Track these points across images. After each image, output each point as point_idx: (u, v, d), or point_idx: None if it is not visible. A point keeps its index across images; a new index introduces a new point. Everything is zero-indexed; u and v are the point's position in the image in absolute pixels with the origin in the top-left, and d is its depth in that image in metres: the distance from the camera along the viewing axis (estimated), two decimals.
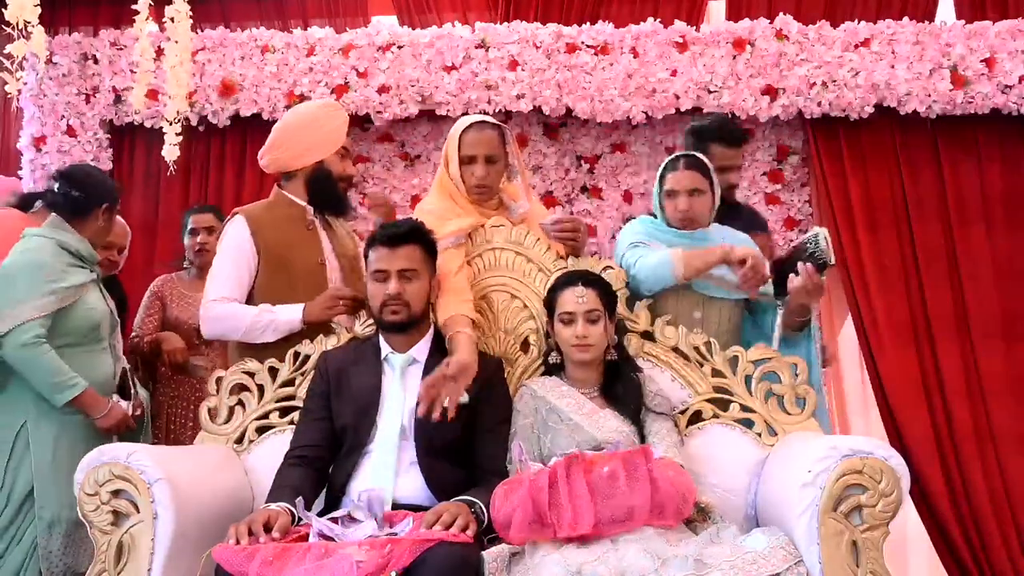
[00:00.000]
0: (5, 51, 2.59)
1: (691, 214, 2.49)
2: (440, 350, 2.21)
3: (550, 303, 2.24)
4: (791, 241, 3.68)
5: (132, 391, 2.62)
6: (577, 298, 2.17)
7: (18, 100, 3.62)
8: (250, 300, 2.50)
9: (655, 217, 2.60)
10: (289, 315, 2.44)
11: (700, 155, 2.58)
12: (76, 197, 2.59)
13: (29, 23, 2.50)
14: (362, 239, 3.87)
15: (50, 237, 2.53)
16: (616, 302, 2.28)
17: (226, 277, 2.48)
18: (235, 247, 2.50)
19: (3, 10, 2.51)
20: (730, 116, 2.43)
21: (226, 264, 2.49)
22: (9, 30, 2.51)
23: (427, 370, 2.16)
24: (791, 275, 2.28)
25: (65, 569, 2.42)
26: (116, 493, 1.92)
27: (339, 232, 2.72)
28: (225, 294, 2.46)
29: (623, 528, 1.84)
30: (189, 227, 3.32)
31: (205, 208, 3.43)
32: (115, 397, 2.55)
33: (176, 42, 3.06)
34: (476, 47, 3.75)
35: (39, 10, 2.53)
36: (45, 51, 2.65)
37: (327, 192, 2.60)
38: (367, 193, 3.44)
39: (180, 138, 3.10)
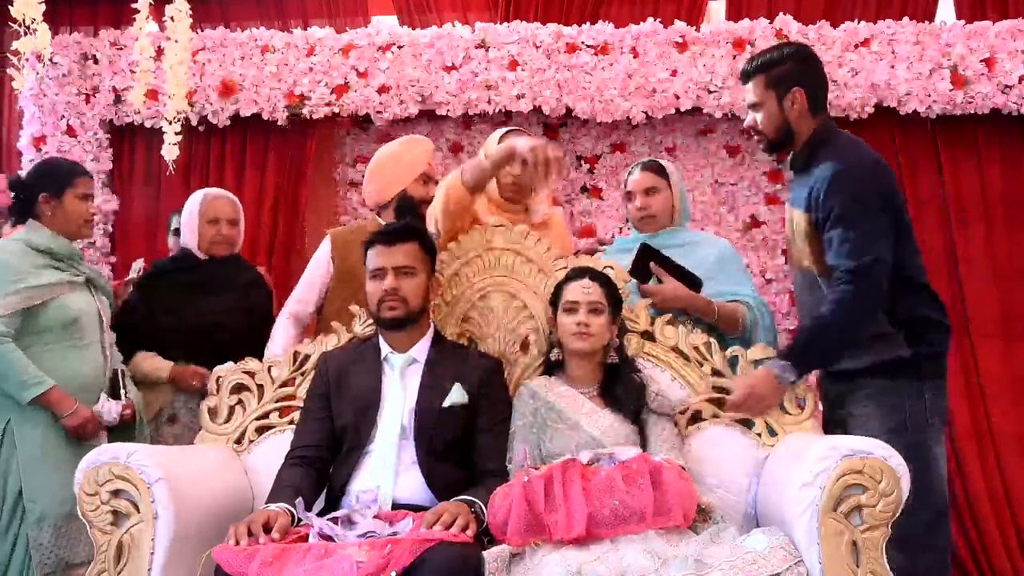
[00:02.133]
0: (11, 48, 2.59)
1: (650, 211, 2.63)
2: (440, 350, 2.22)
3: (556, 297, 2.26)
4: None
5: (123, 391, 2.59)
6: (583, 289, 2.20)
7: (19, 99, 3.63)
8: (325, 301, 2.79)
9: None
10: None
11: (659, 159, 2.72)
12: (14, 202, 2.57)
13: (34, 20, 2.50)
14: None
15: (19, 239, 2.53)
16: (621, 305, 2.29)
17: (302, 287, 2.81)
18: (316, 263, 2.82)
19: (9, 8, 2.50)
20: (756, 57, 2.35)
21: (306, 276, 2.83)
22: (16, 27, 2.51)
23: (427, 370, 2.17)
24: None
25: (58, 561, 2.42)
26: (116, 493, 1.92)
27: None
28: (294, 304, 2.78)
29: (624, 530, 1.83)
30: (175, 227, 3.21)
31: None
32: (103, 396, 2.53)
33: (176, 42, 3.05)
34: (476, 47, 3.75)
35: (43, 7, 2.53)
36: (50, 49, 2.63)
37: (406, 214, 2.76)
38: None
39: (179, 137, 3.09)
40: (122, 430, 2.58)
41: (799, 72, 2.29)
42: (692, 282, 2.47)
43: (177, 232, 3.19)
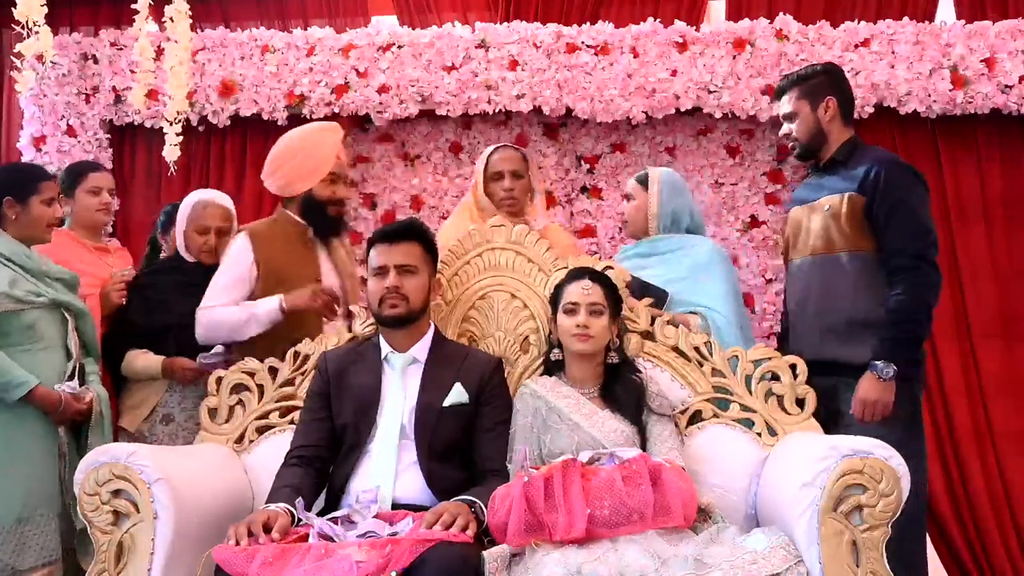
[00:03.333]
0: (14, 51, 2.59)
1: (624, 217, 2.80)
2: (440, 350, 2.22)
3: (555, 298, 2.26)
4: None
5: (80, 382, 2.52)
6: (583, 290, 2.19)
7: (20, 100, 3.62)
8: None
9: None
10: (267, 305, 2.57)
11: (651, 169, 2.80)
12: None
13: (36, 22, 2.49)
14: (360, 240, 3.88)
15: None
16: (621, 305, 2.29)
17: (221, 289, 2.63)
18: (235, 263, 2.65)
19: (11, 10, 2.50)
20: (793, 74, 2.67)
21: (224, 278, 2.65)
22: (18, 29, 2.50)
23: (427, 370, 2.17)
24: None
25: (3, 567, 2.35)
26: (116, 493, 1.92)
27: (338, 251, 2.81)
28: (217, 303, 2.62)
29: (624, 530, 1.83)
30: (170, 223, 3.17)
31: None
32: (58, 386, 2.45)
33: (176, 42, 3.05)
34: (476, 47, 3.75)
35: (46, 9, 2.52)
36: (52, 50, 2.62)
37: (316, 218, 2.72)
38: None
39: (180, 138, 3.09)
40: (84, 427, 2.52)
41: (830, 84, 2.57)
42: (656, 295, 2.52)
43: (163, 229, 3.19)
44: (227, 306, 2.61)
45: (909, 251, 2.36)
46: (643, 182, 2.73)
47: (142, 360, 2.80)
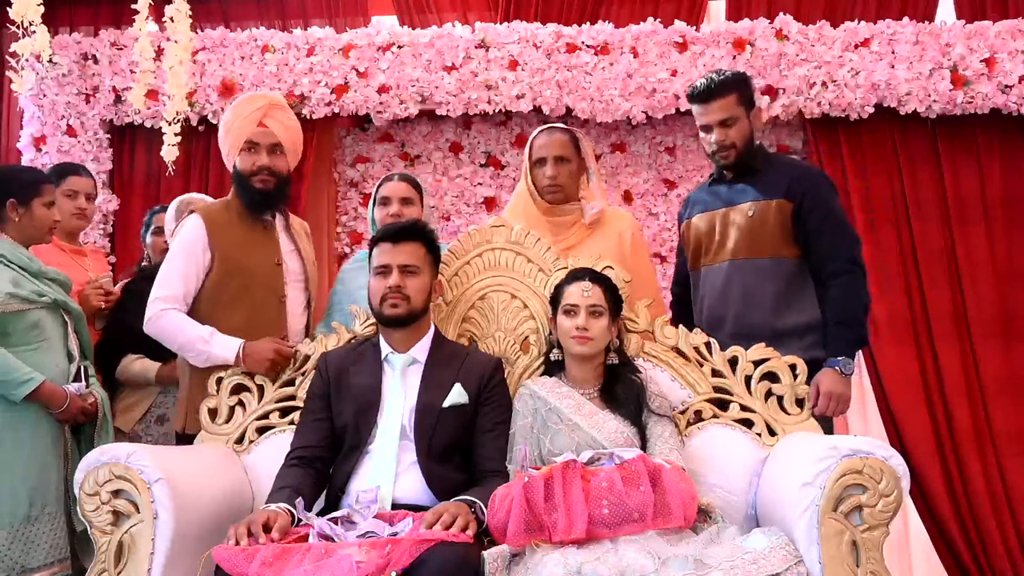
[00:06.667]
0: (10, 50, 2.59)
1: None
2: (440, 350, 2.22)
3: (555, 298, 2.25)
4: None
5: (85, 384, 2.53)
6: (583, 292, 2.19)
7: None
8: (201, 299, 2.45)
9: None
10: (223, 353, 2.38)
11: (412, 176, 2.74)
12: None
13: (33, 22, 2.49)
14: (360, 240, 3.87)
15: None
16: (621, 306, 2.29)
17: (174, 276, 2.43)
18: (188, 248, 2.45)
19: (8, 9, 2.50)
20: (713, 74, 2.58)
21: (176, 262, 2.44)
22: (14, 29, 2.50)
23: (427, 370, 2.17)
24: None
25: (12, 565, 2.35)
26: (116, 493, 1.92)
27: (300, 234, 2.66)
28: (171, 293, 2.41)
29: (624, 530, 1.83)
30: (154, 226, 3.14)
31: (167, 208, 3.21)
32: (65, 387, 2.47)
33: (176, 42, 3.05)
34: (476, 47, 3.75)
35: (42, 9, 2.53)
36: (49, 50, 2.62)
37: (245, 194, 2.52)
38: None
39: (179, 138, 3.09)
40: (87, 429, 2.54)
41: (752, 93, 2.60)
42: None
43: (159, 231, 3.12)
44: (185, 314, 2.41)
45: (843, 256, 2.46)
46: (415, 185, 2.68)
47: (139, 365, 2.81)
